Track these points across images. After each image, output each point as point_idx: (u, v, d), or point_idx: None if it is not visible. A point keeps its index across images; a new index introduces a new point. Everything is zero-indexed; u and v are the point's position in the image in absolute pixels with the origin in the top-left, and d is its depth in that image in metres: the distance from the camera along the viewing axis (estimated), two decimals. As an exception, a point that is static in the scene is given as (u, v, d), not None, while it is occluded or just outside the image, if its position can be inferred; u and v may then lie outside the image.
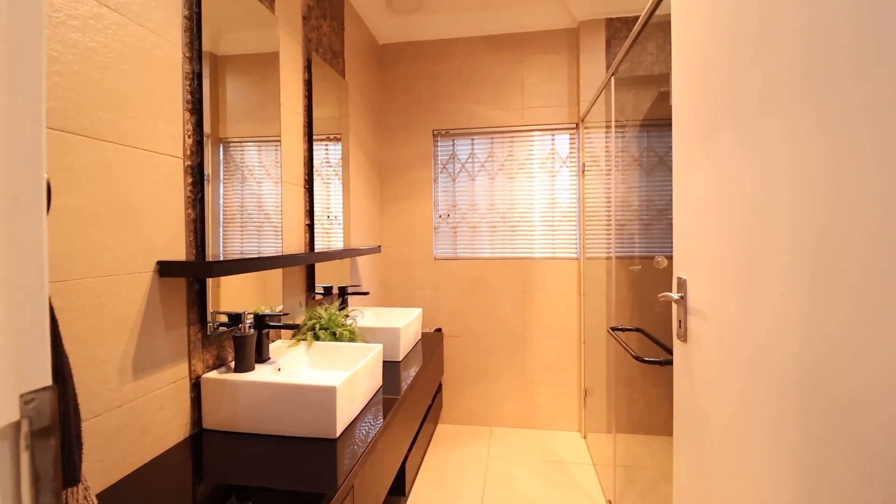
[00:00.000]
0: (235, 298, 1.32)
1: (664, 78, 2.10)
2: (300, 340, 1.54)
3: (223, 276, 1.07)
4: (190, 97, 1.13)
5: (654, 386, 2.00)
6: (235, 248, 1.32)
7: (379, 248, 2.27)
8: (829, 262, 0.55)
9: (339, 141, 2.13)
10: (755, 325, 0.71)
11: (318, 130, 1.88)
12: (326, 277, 1.98)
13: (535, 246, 2.71)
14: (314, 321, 1.64)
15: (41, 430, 0.31)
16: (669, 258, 1.89)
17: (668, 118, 1.05)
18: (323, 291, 1.94)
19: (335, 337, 1.64)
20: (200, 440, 1.11)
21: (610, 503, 1.95)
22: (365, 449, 1.08)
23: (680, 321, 0.99)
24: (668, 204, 2.14)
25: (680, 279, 0.99)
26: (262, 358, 1.33)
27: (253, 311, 1.38)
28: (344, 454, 1.05)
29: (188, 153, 1.13)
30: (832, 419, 0.54)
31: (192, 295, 1.14)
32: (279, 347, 1.47)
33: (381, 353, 1.48)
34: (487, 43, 2.71)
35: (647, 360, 1.28)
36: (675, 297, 0.99)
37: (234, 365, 1.24)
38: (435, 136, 2.80)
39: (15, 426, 0.30)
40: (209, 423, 1.16)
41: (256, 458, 1.03)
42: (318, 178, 1.90)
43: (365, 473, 1.11)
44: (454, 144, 2.79)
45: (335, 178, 2.09)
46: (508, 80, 2.69)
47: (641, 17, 1.37)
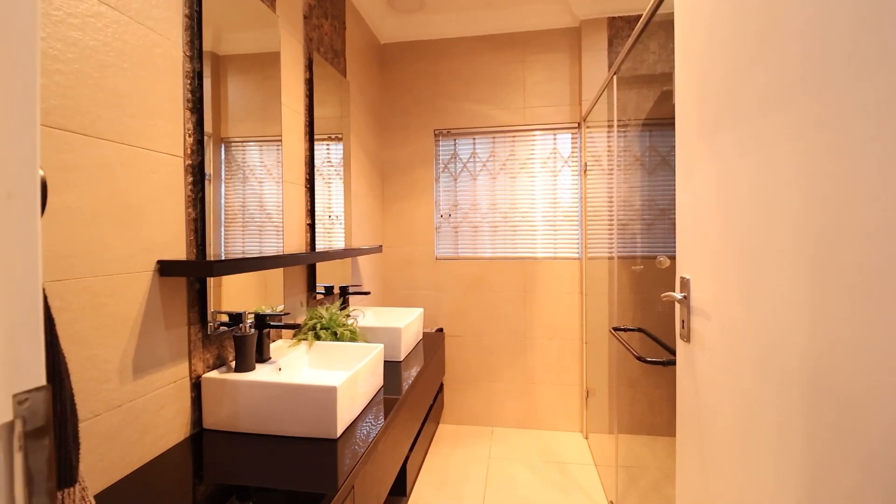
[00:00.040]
0: (236, 298, 1.32)
1: (666, 77, 2.09)
2: (301, 340, 1.53)
3: (224, 275, 1.07)
4: (190, 96, 1.13)
5: (656, 386, 1.99)
6: (237, 247, 1.32)
7: (380, 247, 2.26)
8: (831, 261, 0.54)
9: (340, 140, 2.12)
10: (758, 324, 0.70)
11: (319, 130, 1.88)
12: (327, 277, 1.97)
13: (536, 246, 2.70)
14: (315, 321, 1.63)
15: (35, 430, 0.31)
16: (672, 258, 1.88)
17: (670, 117, 1.05)
18: (324, 291, 1.94)
19: (336, 337, 1.63)
20: (201, 440, 1.11)
21: (612, 504, 1.95)
22: (366, 449, 1.07)
23: (683, 321, 0.99)
24: (670, 204, 2.13)
25: (683, 279, 0.99)
26: (262, 358, 1.32)
27: (254, 310, 1.38)
28: (345, 454, 1.04)
29: (189, 152, 1.13)
30: (835, 419, 0.54)
31: (192, 294, 1.14)
32: (280, 347, 1.47)
33: (382, 353, 1.48)
34: (489, 42, 2.70)
35: (649, 360, 1.27)
36: (678, 296, 0.99)
37: (234, 365, 1.23)
38: (436, 135, 2.79)
39: (8, 426, 0.29)
40: (210, 422, 1.16)
41: (257, 458, 1.03)
42: (319, 177, 1.89)
43: (366, 474, 1.10)
44: (456, 144, 2.78)
45: (336, 177, 2.08)
46: (510, 79, 2.68)
47: (643, 15, 1.36)
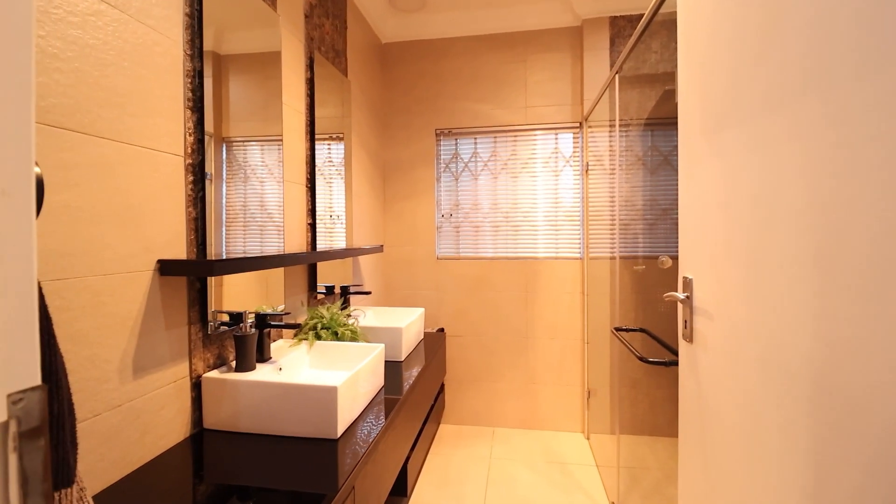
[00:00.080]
0: (237, 298, 1.31)
1: (668, 76, 2.08)
2: (302, 340, 1.53)
3: (224, 274, 1.07)
4: (191, 95, 1.13)
5: (658, 387, 1.98)
6: (238, 247, 1.32)
7: (381, 247, 2.26)
8: (835, 260, 0.53)
9: (341, 140, 2.12)
10: (762, 324, 0.69)
11: (320, 129, 1.88)
12: (328, 277, 1.97)
13: (538, 245, 2.69)
14: (316, 321, 1.63)
15: (30, 430, 0.31)
16: (674, 258, 1.87)
17: (672, 117, 1.04)
18: (325, 291, 1.94)
19: (337, 336, 1.63)
20: (201, 440, 1.11)
21: (613, 505, 1.94)
22: (366, 449, 1.07)
23: (685, 321, 0.98)
24: (672, 203, 2.12)
25: (686, 279, 0.98)
26: (263, 357, 1.32)
27: (254, 310, 1.37)
28: (345, 454, 1.04)
29: (189, 151, 1.12)
30: (839, 420, 0.53)
31: (193, 294, 1.14)
32: (280, 347, 1.47)
33: (382, 352, 1.48)
34: (490, 42, 2.70)
35: (651, 360, 1.27)
36: (680, 296, 0.98)
37: (235, 364, 1.23)
38: (438, 135, 2.79)
39: (2, 427, 0.29)
40: (210, 422, 1.16)
41: (257, 458, 1.02)
42: (320, 177, 1.89)
43: (366, 474, 1.10)
44: (457, 144, 2.78)
45: (338, 177, 2.08)
46: (511, 78, 2.68)
47: (646, 14, 1.35)
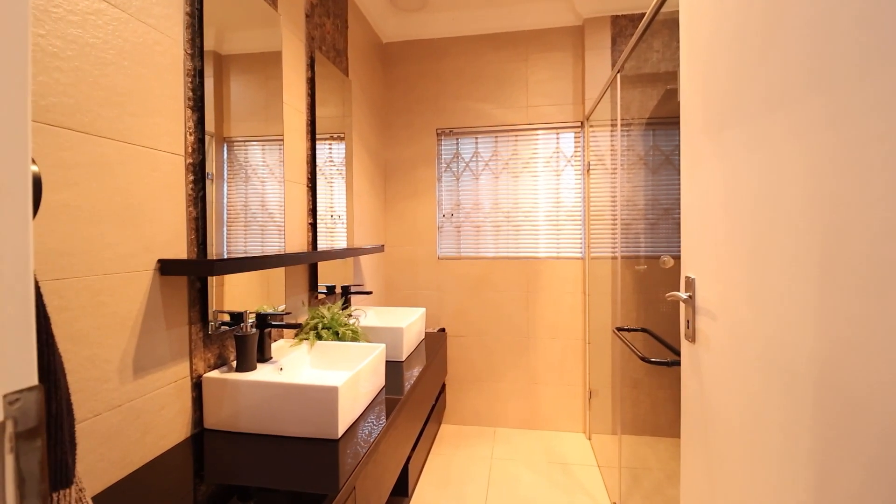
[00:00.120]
0: (238, 297, 1.31)
1: (670, 75, 2.07)
2: (302, 340, 1.53)
3: (224, 274, 1.07)
4: (192, 94, 1.13)
5: (659, 387, 1.97)
6: (239, 246, 1.32)
7: (382, 247, 2.26)
8: (838, 260, 0.53)
9: (342, 140, 2.12)
10: (765, 324, 0.69)
11: (321, 129, 1.88)
12: (329, 276, 1.97)
13: (539, 245, 2.69)
14: (317, 320, 1.63)
15: (27, 431, 0.30)
16: (676, 258, 1.87)
17: (674, 116, 1.04)
18: (326, 291, 1.93)
19: (338, 336, 1.63)
20: (202, 440, 1.11)
21: (615, 505, 1.93)
22: (367, 450, 1.07)
23: (688, 321, 0.97)
24: (674, 203, 2.12)
25: (688, 278, 0.97)
26: (263, 357, 1.32)
27: (255, 310, 1.37)
28: (346, 455, 1.04)
29: (190, 151, 1.12)
30: (842, 421, 0.52)
31: (193, 293, 1.14)
32: (281, 347, 1.46)
33: (383, 352, 1.47)
34: (491, 41, 2.69)
35: (653, 360, 1.26)
36: (683, 296, 0.98)
37: (235, 364, 1.23)
38: (439, 134, 2.79)
39: (-1, 427, 0.29)
40: (211, 422, 1.15)
41: (258, 458, 1.02)
42: (321, 177, 1.89)
43: (367, 474, 1.09)
44: (458, 143, 2.77)
45: (339, 177, 2.08)
46: (513, 78, 2.67)
47: (647, 13, 1.34)
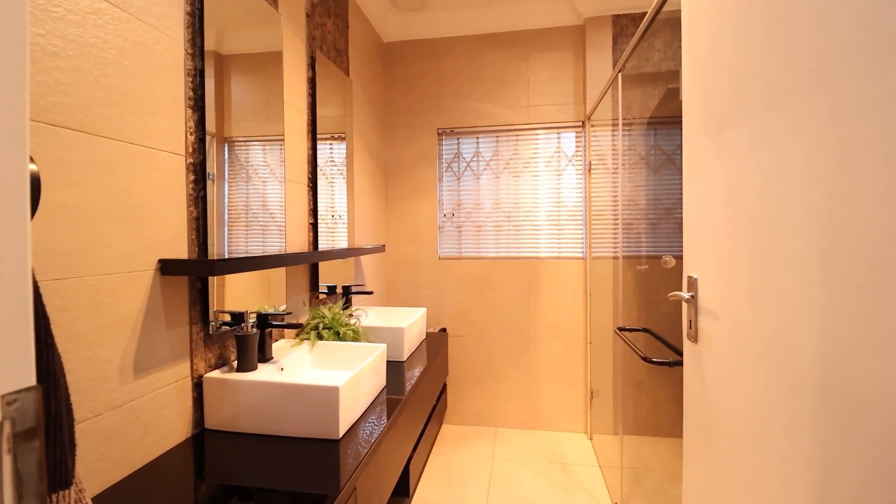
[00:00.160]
0: (239, 297, 1.31)
1: (672, 75, 2.07)
2: (303, 340, 1.53)
3: (225, 274, 1.06)
4: (192, 94, 1.12)
5: (661, 387, 1.97)
6: (240, 246, 1.31)
7: (383, 247, 2.25)
8: (841, 259, 0.53)
9: (343, 140, 2.12)
10: (767, 324, 0.68)
11: (322, 129, 1.87)
12: (330, 277, 1.96)
13: (540, 245, 2.68)
14: (317, 320, 1.62)
15: (24, 432, 0.30)
16: (677, 257, 1.86)
17: (675, 115, 1.03)
18: (327, 291, 1.93)
19: (339, 336, 1.62)
20: (202, 440, 1.10)
21: (617, 506, 1.93)
22: (368, 450, 1.06)
23: (690, 321, 0.97)
24: (675, 203, 2.11)
25: (690, 278, 0.97)
26: (264, 357, 1.32)
27: (256, 310, 1.37)
28: (347, 455, 1.03)
29: (190, 150, 1.12)
30: (845, 421, 0.52)
31: (194, 293, 1.13)
32: (282, 347, 1.46)
33: (384, 352, 1.47)
34: (492, 41, 2.69)
35: (655, 360, 1.26)
36: (685, 296, 0.97)
37: (236, 364, 1.23)
38: (440, 134, 2.78)
39: (-4, 428, 0.28)
40: (211, 423, 1.15)
41: (259, 458, 1.02)
42: (322, 177, 1.88)
43: (368, 475, 1.09)
44: (459, 143, 2.77)
45: (339, 177, 2.08)
46: (513, 77, 2.67)
47: (649, 13, 1.34)
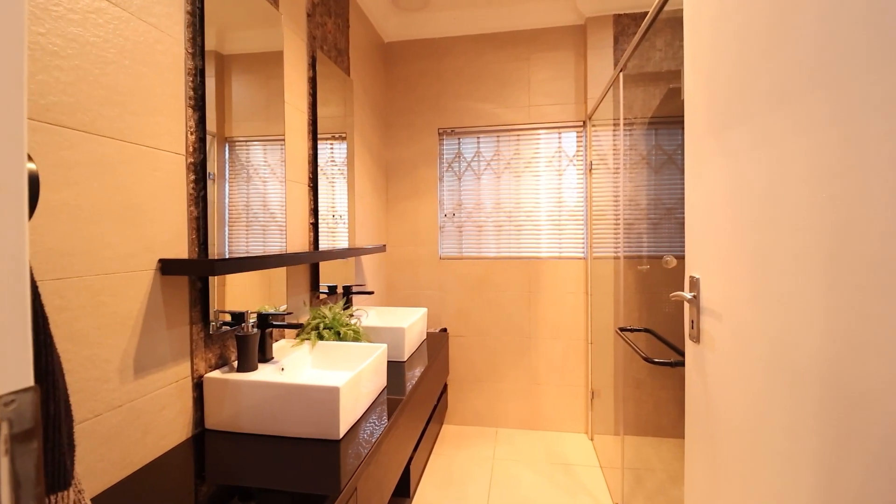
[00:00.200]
0: (240, 297, 1.31)
1: (673, 74, 2.06)
2: (304, 340, 1.52)
3: (225, 274, 1.06)
4: (193, 94, 1.12)
5: (662, 387, 1.96)
6: (241, 246, 1.31)
7: (384, 247, 2.25)
8: (844, 258, 0.52)
9: (344, 140, 2.11)
10: (770, 324, 0.68)
11: (322, 129, 1.87)
12: (331, 276, 1.96)
13: (541, 245, 2.68)
14: (318, 320, 1.62)
15: (22, 433, 0.30)
16: (679, 257, 1.86)
17: (677, 115, 1.03)
18: (327, 291, 1.93)
19: (339, 336, 1.62)
20: (203, 440, 1.10)
21: (618, 506, 1.92)
22: (369, 450, 1.06)
23: (692, 321, 0.96)
24: (677, 202, 2.11)
25: (692, 278, 0.97)
26: (265, 357, 1.31)
27: (256, 310, 1.37)
28: (347, 455, 1.03)
29: (191, 150, 1.12)
30: (848, 421, 0.52)
31: (194, 293, 1.13)
32: (283, 347, 1.46)
33: (385, 353, 1.47)
34: (493, 40, 2.68)
35: (656, 361, 1.25)
36: (687, 296, 0.97)
37: (236, 364, 1.22)
38: (440, 134, 2.78)
39: (-7, 429, 0.28)
40: (212, 423, 1.15)
41: (259, 458, 1.01)
42: (323, 177, 1.88)
43: (369, 475, 1.09)
44: (460, 143, 2.77)
45: (340, 177, 2.07)
46: (514, 77, 2.66)
47: (650, 12, 1.34)
